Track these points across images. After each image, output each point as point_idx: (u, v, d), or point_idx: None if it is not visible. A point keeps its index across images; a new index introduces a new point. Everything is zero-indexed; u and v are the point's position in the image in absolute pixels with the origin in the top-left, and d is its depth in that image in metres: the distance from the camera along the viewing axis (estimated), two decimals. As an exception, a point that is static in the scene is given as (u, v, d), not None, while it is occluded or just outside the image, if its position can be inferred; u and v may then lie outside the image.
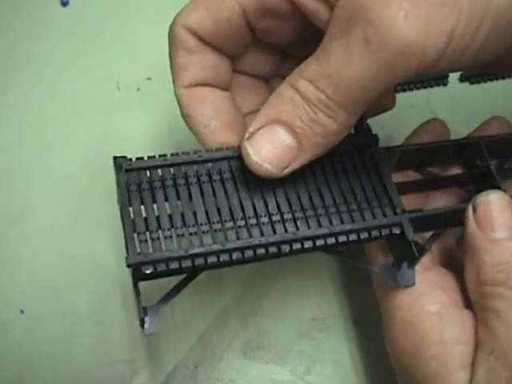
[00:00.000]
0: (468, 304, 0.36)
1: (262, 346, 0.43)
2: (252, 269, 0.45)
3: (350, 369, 0.43)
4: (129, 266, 0.30)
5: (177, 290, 0.33)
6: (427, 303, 0.36)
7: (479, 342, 0.34)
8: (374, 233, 0.34)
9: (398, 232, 0.34)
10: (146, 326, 0.32)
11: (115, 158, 0.33)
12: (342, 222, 0.34)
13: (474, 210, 0.35)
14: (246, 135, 0.32)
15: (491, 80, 0.57)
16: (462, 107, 0.54)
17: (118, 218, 0.32)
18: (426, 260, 0.37)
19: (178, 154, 0.34)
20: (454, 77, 0.56)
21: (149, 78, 0.54)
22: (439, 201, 0.42)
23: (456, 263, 0.39)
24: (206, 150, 0.34)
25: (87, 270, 0.44)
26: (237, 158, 0.34)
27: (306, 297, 0.45)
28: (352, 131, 0.37)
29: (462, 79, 0.56)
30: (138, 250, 0.30)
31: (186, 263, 0.31)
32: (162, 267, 0.30)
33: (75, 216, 0.46)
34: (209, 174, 0.34)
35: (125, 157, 0.33)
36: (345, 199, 0.34)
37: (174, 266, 0.30)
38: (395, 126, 0.48)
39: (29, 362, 0.41)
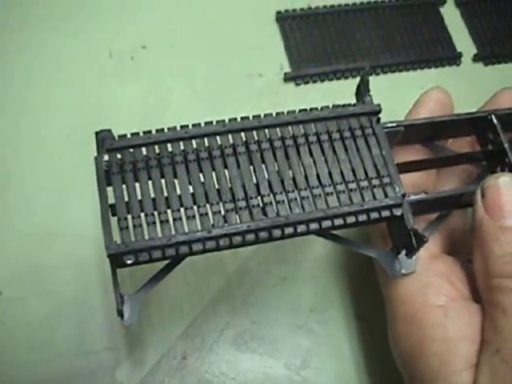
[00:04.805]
0: (477, 297, 0.34)
1: (255, 337, 0.41)
2: (246, 254, 0.43)
3: (349, 365, 0.40)
4: (109, 256, 0.28)
5: (159, 276, 0.32)
6: (432, 296, 0.34)
7: (485, 340, 0.32)
8: (374, 215, 0.32)
9: (399, 214, 0.32)
10: (125, 316, 0.30)
11: (97, 132, 0.31)
12: (340, 204, 0.31)
13: (483, 194, 0.33)
14: None
15: (506, 62, 0.54)
16: (474, 90, 0.51)
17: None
18: (433, 247, 0.35)
19: (163, 129, 0.32)
20: (467, 56, 0.53)
21: (143, 47, 0.50)
22: (450, 178, 0.40)
23: (466, 251, 0.37)
24: (193, 125, 0.32)
25: (69, 250, 0.41)
26: (226, 132, 0.32)
27: (304, 285, 0.43)
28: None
29: (475, 59, 0.53)
30: (118, 240, 0.29)
31: (170, 252, 0.29)
32: (144, 257, 0.29)
33: (58, 191, 0.43)
34: (196, 151, 0.31)
35: (109, 130, 0.31)
36: (343, 178, 0.32)
37: (156, 255, 0.29)
38: (403, 107, 0.44)
39: (4, 347, 0.39)
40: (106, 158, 0.31)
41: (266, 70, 0.50)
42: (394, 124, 0.35)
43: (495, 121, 0.37)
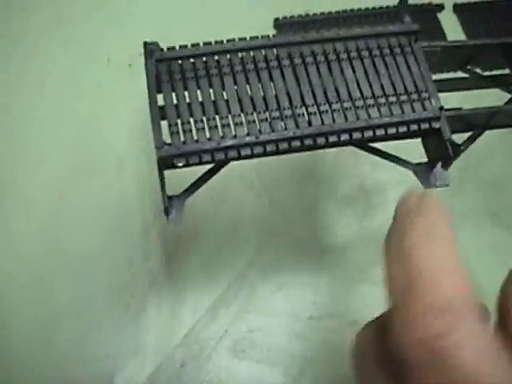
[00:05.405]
0: None
1: (253, 345, 0.41)
2: (245, 261, 0.43)
3: (347, 373, 0.40)
4: (160, 158, 0.29)
5: (202, 180, 0.33)
6: None
7: None
8: (413, 127, 0.33)
9: (437, 126, 0.33)
10: (170, 215, 0.31)
11: (145, 43, 0.32)
12: (381, 115, 0.33)
13: None
14: None
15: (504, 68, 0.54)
16: (472, 96, 0.51)
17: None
18: None
19: (210, 43, 0.33)
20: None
21: (141, 54, 0.49)
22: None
23: None
24: (239, 39, 0.33)
25: (68, 257, 0.41)
26: (272, 46, 0.33)
27: (302, 293, 0.43)
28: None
29: (473, 66, 0.53)
30: (169, 141, 0.30)
31: (219, 156, 0.30)
32: (194, 160, 0.30)
33: (59, 199, 0.43)
34: (243, 63, 0.33)
35: (156, 43, 0.32)
36: (384, 91, 0.33)
37: (206, 158, 0.30)
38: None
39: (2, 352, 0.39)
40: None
41: (265, 77, 0.50)
42: (433, 43, 0.36)
43: None
